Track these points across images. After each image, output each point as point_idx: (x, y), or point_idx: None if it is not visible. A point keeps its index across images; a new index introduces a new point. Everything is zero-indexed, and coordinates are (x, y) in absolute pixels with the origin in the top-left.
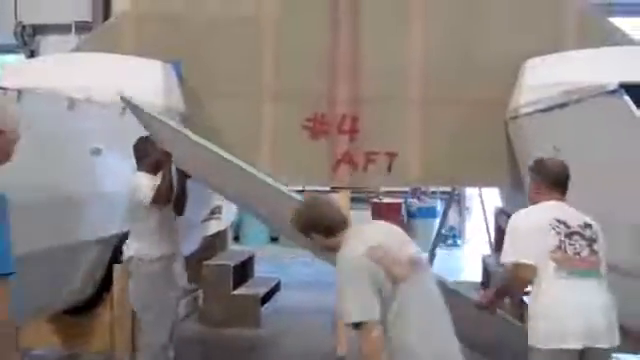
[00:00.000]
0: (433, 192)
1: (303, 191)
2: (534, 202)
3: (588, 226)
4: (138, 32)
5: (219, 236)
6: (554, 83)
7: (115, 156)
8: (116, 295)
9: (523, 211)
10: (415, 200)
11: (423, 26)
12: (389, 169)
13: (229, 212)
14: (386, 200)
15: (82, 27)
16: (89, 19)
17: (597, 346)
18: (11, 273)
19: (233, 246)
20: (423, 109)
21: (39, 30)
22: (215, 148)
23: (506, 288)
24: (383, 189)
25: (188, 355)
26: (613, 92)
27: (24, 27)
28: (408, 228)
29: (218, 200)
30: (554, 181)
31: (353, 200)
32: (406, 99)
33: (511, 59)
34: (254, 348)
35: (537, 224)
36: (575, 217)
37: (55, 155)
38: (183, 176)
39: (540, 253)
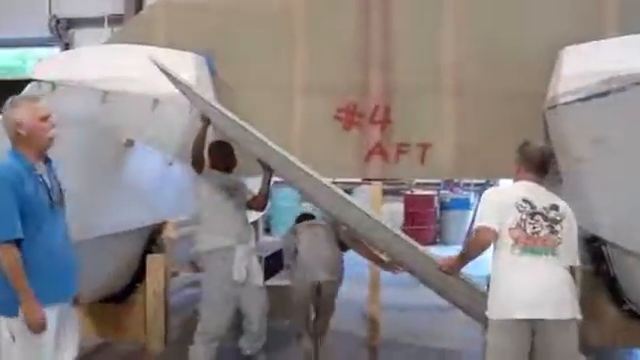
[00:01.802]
0: (466, 184)
1: (334, 183)
2: (515, 181)
3: (554, 208)
4: (170, 24)
5: None
6: (594, 71)
7: (148, 148)
8: (149, 285)
9: (498, 187)
10: (448, 192)
11: (457, 15)
12: (422, 161)
13: None
14: (418, 192)
15: (115, 20)
16: (122, 12)
17: (543, 317)
18: None
19: (264, 237)
20: (456, 100)
21: (73, 23)
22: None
23: (467, 250)
24: (416, 181)
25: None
26: None
27: (58, 20)
28: (440, 220)
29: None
30: (532, 164)
31: (386, 192)
32: (439, 90)
33: (548, 48)
34: (286, 338)
35: (505, 201)
36: (543, 199)
37: (88, 147)
38: (268, 174)
39: (501, 228)
